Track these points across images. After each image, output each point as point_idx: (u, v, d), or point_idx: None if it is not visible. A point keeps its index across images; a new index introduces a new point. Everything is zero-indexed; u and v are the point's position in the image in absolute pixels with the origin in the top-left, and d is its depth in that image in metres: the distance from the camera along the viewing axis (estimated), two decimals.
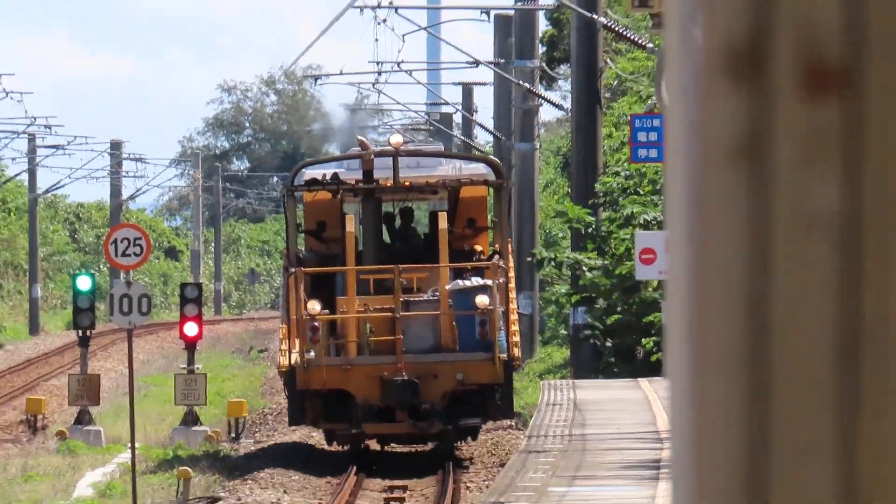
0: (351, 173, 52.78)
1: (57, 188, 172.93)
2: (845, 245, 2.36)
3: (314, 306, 50.57)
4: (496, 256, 52.00)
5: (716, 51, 2.19)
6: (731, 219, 2.31)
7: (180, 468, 49.53)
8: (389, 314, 49.63)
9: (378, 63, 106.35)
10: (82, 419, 63.47)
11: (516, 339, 53.87)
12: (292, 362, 51.84)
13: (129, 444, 45.86)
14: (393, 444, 54.85)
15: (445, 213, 51.14)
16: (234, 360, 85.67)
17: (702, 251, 2.49)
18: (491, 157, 70.29)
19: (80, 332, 64.48)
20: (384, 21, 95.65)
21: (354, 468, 50.36)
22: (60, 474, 54.48)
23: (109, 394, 63.81)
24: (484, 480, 51.16)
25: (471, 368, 50.75)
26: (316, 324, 51.16)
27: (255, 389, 70.87)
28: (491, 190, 54.31)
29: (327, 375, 50.56)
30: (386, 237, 54.57)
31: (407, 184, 51.47)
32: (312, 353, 51.30)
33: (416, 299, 50.39)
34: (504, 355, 51.65)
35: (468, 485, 46.55)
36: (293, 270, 50.96)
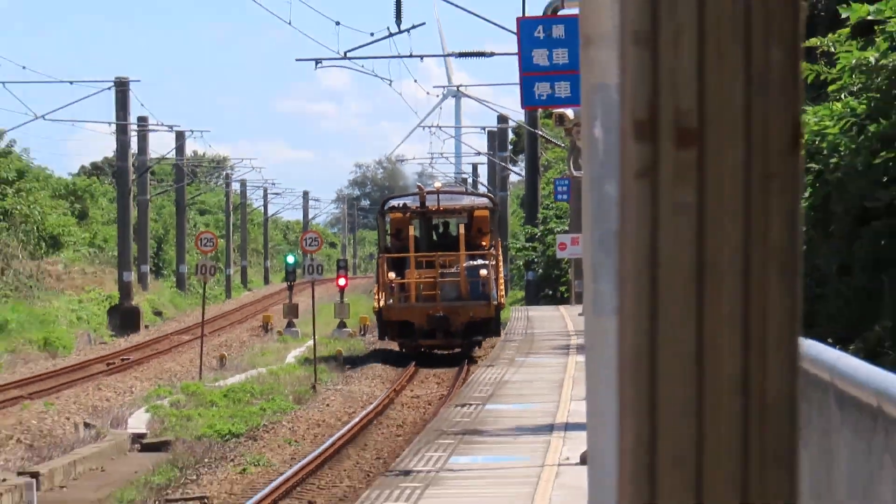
0: (414, 203, 75.64)
1: (276, 214, 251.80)
2: (697, 234, 2.97)
3: (392, 275, 74.59)
4: (492, 249, 76.53)
5: (629, 122, 2.80)
6: (633, 219, 2.92)
7: (337, 349, 77.60)
8: (433, 280, 74.16)
9: (431, 154, 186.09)
10: (290, 325, 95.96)
11: (503, 292, 79.70)
12: (380, 305, 75.25)
13: (312, 338, 70.45)
14: (436, 351, 74.92)
15: (464, 225, 75.52)
16: (361, 297, 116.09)
17: (618, 243, 3.14)
18: (489, 195, 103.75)
19: (288, 283, 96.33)
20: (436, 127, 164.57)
21: (414, 363, 71.62)
22: (278, 352, 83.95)
23: (302, 314, 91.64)
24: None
25: (477, 310, 73.12)
26: (393, 285, 75.45)
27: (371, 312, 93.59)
28: (489, 212, 77.17)
29: (398, 313, 74.31)
30: (433, 238, 77.63)
31: (443, 209, 73.89)
32: (391, 301, 75.05)
33: (448, 271, 74.69)
34: (495, 302, 74.70)
35: (474, 370, 63.77)
36: (381, 256, 78.14)
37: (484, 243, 72.29)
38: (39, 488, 40.05)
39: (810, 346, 10.42)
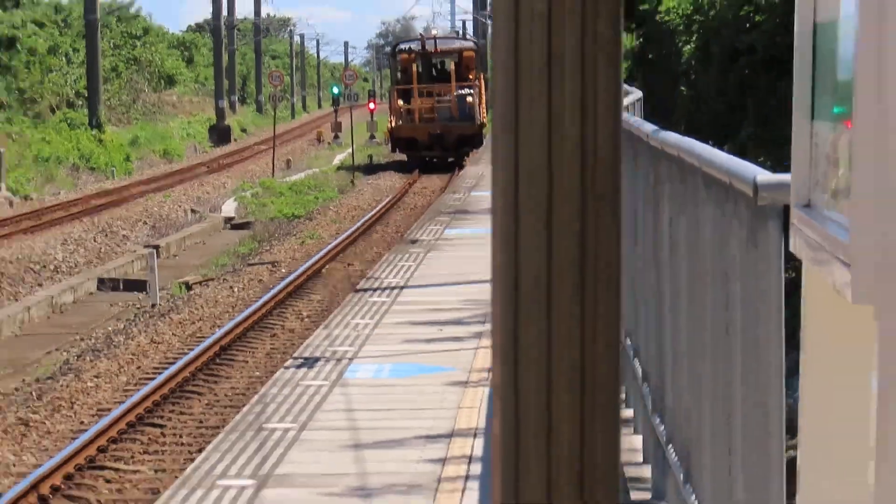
0: (417, 46, 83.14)
1: (325, 58, 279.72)
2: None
3: (400, 102, 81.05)
4: (476, 81, 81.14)
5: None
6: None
7: (368, 154, 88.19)
8: (431, 105, 78.76)
9: (433, 12, 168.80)
10: (336, 137, 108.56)
11: (484, 114, 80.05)
12: (392, 126, 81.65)
13: (351, 146, 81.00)
14: (434, 160, 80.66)
15: (455, 63, 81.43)
16: (385, 117, 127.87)
17: None
18: (474, 40, 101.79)
19: (334, 107, 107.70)
20: None
21: (418, 170, 76.84)
22: (328, 157, 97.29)
23: (345, 129, 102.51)
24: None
25: (465, 127, 77.73)
26: (401, 110, 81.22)
27: None
28: (474, 53, 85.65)
29: (406, 131, 79.50)
30: (432, 74, 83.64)
31: (439, 50, 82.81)
32: (400, 122, 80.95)
33: (442, 99, 79.17)
34: (479, 122, 78.96)
35: (463, 172, 71.89)
36: (392, 88, 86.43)
37: (471, 77, 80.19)
38: (159, 256, 46.66)
39: (687, 141, 11.64)
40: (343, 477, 13.85)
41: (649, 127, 13.81)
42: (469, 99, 77.29)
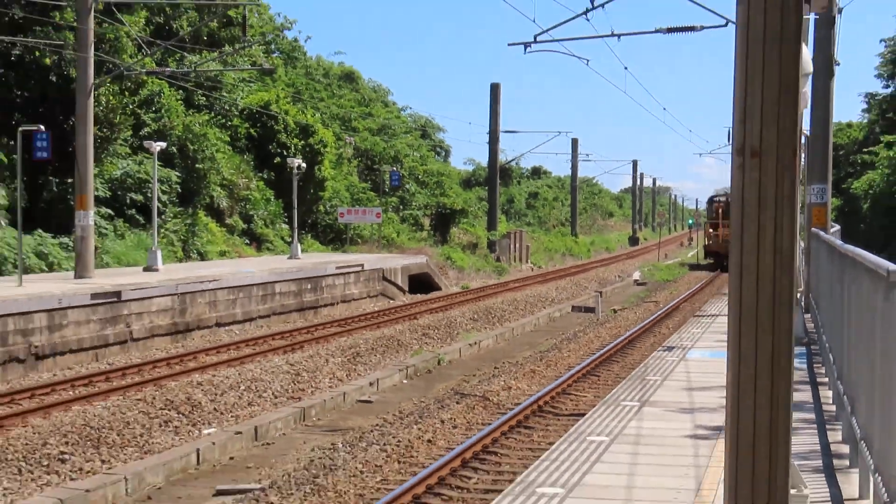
0: (724, 198, 76.37)
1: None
2: None
3: (710, 230, 75.90)
4: None
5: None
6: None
7: (697, 256, 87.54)
8: (729, 232, 79.20)
9: None
10: (686, 244, 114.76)
11: None
12: (707, 243, 78.62)
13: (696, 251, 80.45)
14: (726, 263, 65.16)
15: None
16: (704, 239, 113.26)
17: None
18: None
19: (689, 229, 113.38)
20: None
21: (719, 269, 69.32)
22: (685, 253, 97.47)
23: (692, 243, 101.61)
24: None
25: None
26: (711, 235, 75.65)
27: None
28: None
29: (713, 247, 74.60)
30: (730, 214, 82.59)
31: None
32: (710, 241, 76.17)
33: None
34: None
35: None
36: (707, 222, 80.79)
37: None
38: (602, 296, 47.00)
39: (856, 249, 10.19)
40: (682, 404, 13.95)
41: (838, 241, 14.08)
42: None
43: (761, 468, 2.47)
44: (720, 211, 71.36)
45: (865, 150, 41.26)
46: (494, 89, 72.33)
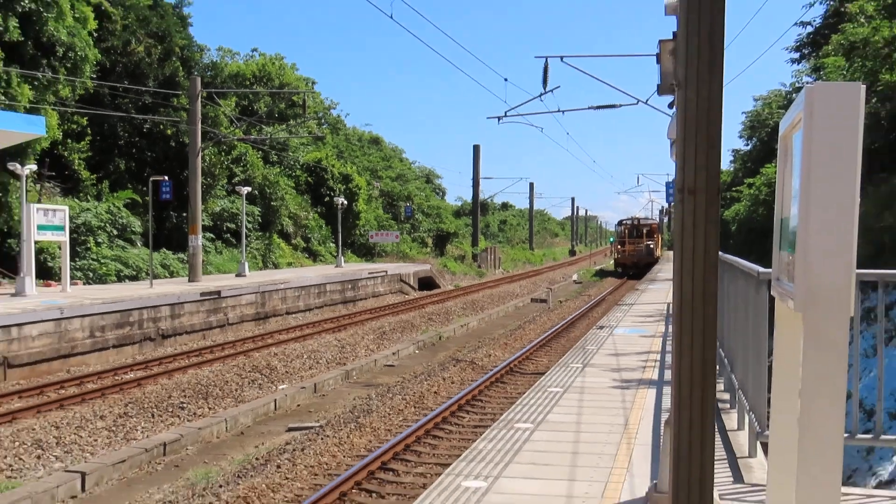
0: (630, 222, 70.73)
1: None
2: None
3: (619, 246, 69.72)
4: (655, 237, 68.12)
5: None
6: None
7: (608, 267, 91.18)
8: (634, 248, 65.27)
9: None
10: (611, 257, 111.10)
11: (659, 252, 68.51)
12: (616, 258, 71.83)
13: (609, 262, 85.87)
14: (632, 272, 63.81)
15: (646, 230, 68.55)
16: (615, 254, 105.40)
17: None
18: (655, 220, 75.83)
19: (611, 245, 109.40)
20: None
21: (626, 277, 61.35)
22: (604, 264, 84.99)
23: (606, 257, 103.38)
24: None
25: (648, 259, 63.88)
26: (619, 250, 68.47)
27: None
28: (656, 225, 73.22)
29: (621, 260, 66.74)
30: (634, 234, 68.27)
31: (640, 224, 69.52)
32: (619, 255, 68.88)
33: (639, 245, 66.26)
34: (655, 256, 64.40)
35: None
36: (616, 240, 76.50)
37: (653, 236, 67.05)
38: (552, 291, 46.37)
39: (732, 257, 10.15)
40: (612, 365, 13.47)
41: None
42: (651, 246, 64.70)
43: (696, 401, 2.45)
44: (626, 232, 66.50)
45: (733, 189, 41.27)
46: (476, 149, 73.96)
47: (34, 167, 25.96)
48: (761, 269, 6.81)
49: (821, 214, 3.58)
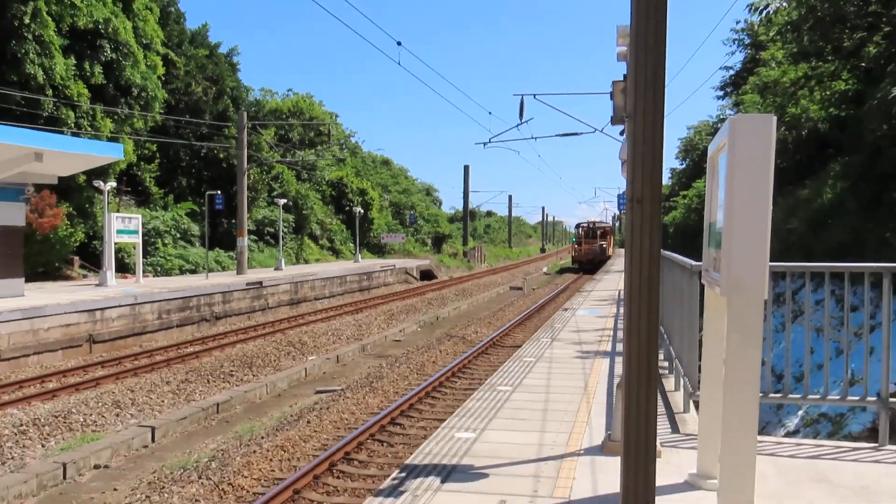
0: (586, 224, 62.92)
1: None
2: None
3: (576, 245, 62.13)
4: (609, 238, 61.00)
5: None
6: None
7: (568, 265, 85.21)
8: (589, 247, 58.18)
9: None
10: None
11: (611, 251, 61.21)
12: (573, 255, 60.49)
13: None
14: (588, 268, 56.75)
15: (601, 231, 61.24)
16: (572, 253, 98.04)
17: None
18: (608, 223, 70.06)
19: (572, 244, 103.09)
20: None
21: (582, 272, 54.06)
22: (567, 261, 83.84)
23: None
24: None
25: (602, 257, 56.86)
26: (577, 249, 60.99)
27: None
28: (610, 227, 65.67)
29: (578, 258, 58.91)
30: (590, 235, 60.94)
31: (595, 226, 61.75)
32: (576, 254, 61.36)
33: (593, 245, 58.28)
34: (608, 255, 58.77)
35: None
36: (574, 241, 65.71)
37: (607, 237, 60.70)
38: (525, 280, 46.65)
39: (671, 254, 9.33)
40: (574, 340, 13.17)
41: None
42: (604, 246, 57.73)
43: (643, 367, 2.44)
44: (583, 234, 59.70)
45: (671, 200, 41.22)
46: (466, 169, 74.43)
47: (114, 184, 26.06)
48: (693, 263, 6.77)
49: (741, 219, 3.64)
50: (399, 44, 18.66)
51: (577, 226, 62.66)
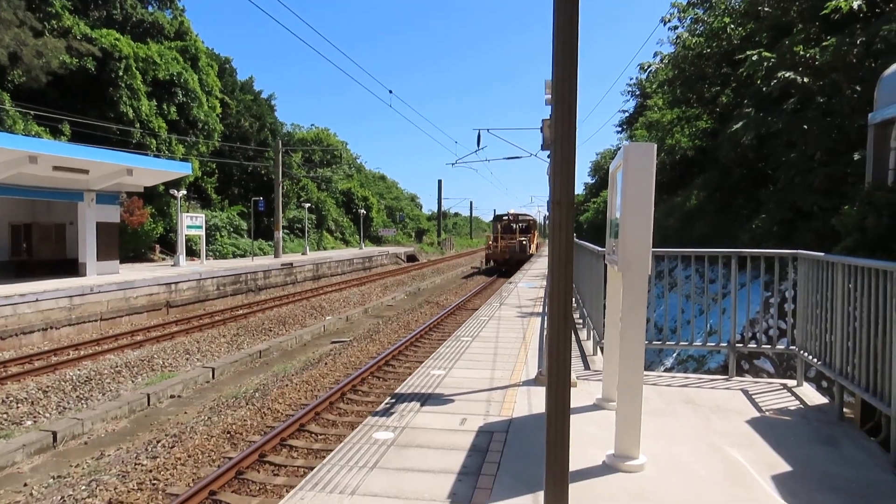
0: (507, 217, 38.47)
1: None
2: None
3: (492, 242, 35.32)
4: (531, 234, 36.53)
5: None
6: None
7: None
8: (507, 244, 33.76)
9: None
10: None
11: (534, 249, 38.36)
12: (488, 253, 35.87)
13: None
14: (504, 269, 34.34)
15: (522, 225, 37.40)
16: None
17: None
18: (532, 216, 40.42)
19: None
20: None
21: (496, 274, 33.33)
22: (482, 260, 78.12)
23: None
24: None
25: (521, 256, 34.24)
26: (492, 246, 34.53)
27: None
28: (533, 220, 39.10)
29: (493, 256, 34.77)
30: (510, 230, 35.76)
31: (518, 218, 37.63)
32: (491, 251, 34.92)
33: (511, 241, 33.55)
34: (528, 253, 35.32)
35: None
36: (490, 235, 37.83)
37: (529, 232, 37.80)
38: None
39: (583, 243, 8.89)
40: (517, 304, 12.33)
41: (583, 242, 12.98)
42: (524, 242, 35.54)
43: (560, 322, 2.40)
44: (500, 228, 36.75)
45: (584, 205, 41.09)
46: (439, 182, 76.10)
47: (185, 192, 25.54)
48: (599, 249, 6.64)
49: (632, 217, 3.61)
50: (391, 92, 18.43)
51: (495, 218, 39.50)
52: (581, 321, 9.58)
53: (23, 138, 15.65)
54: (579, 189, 52.56)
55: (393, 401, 5.29)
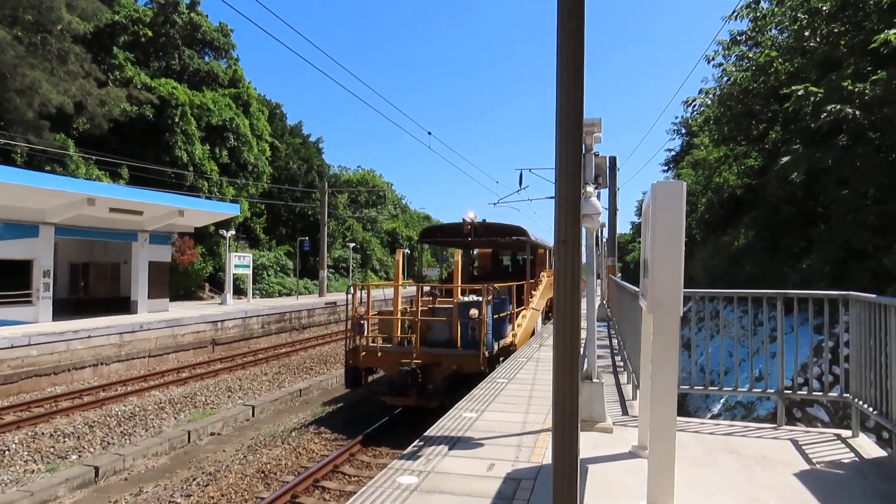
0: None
1: None
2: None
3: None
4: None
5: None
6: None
7: None
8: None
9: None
10: None
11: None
12: None
13: None
14: None
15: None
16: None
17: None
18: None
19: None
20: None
21: None
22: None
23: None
24: None
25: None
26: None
27: None
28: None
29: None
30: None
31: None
32: None
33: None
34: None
35: None
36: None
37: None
38: None
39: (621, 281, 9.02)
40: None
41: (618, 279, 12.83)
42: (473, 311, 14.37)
43: (567, 365, 2.31)
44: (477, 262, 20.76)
45: (631, 244, 40.71)
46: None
47: (234, 232, 26.39)
48: (635, 288, 6.47)
49: (661, 255, 3.52)
50: (430, 133, 18.72)
51: (424, 233, 17.85)
52: (622, 364, 9.22)
53: (82, 181, 16.46)
54: (626, 228, 52.46)
55: (421, 443, 5.19)
